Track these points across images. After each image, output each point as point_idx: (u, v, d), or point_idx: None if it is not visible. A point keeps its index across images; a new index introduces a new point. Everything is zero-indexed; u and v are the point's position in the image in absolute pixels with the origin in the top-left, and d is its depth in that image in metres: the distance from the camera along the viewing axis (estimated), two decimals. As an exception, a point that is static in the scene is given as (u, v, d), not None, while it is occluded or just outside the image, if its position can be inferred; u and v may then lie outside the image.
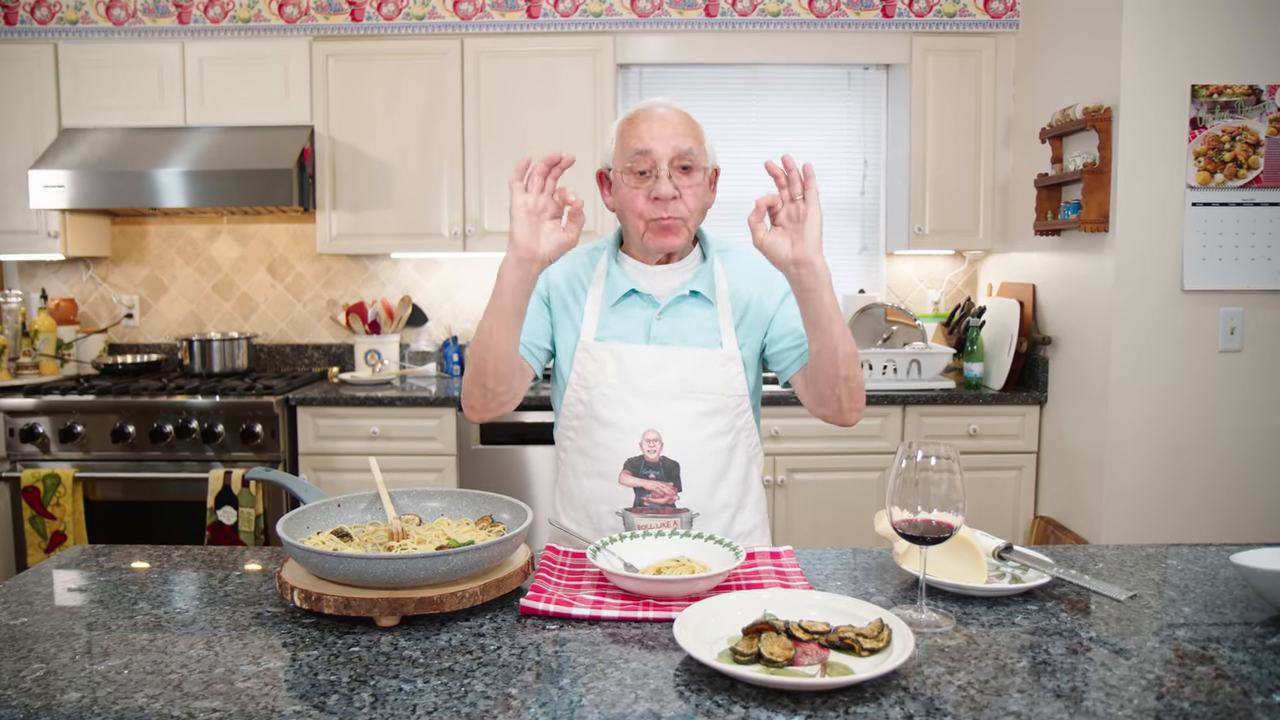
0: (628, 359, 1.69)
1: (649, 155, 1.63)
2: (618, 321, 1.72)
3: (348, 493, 3.38)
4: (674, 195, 1.63)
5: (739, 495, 1.75)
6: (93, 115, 3.65)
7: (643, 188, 1.64)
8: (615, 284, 1.74)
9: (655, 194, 1.63)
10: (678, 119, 1.66)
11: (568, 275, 1.78)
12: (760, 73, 4.01)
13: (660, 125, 1.64)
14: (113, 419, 3.34)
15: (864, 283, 4.08)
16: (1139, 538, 3.03)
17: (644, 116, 1.66)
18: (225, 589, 1.41)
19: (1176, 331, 2.97)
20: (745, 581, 1.43)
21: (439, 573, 1.25)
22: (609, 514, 1.71)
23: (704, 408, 1.69)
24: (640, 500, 1.69)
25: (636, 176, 1.64)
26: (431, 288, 4.08)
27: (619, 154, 1.68)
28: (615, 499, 1.70)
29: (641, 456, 1.68)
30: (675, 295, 1.71)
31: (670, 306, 1.72)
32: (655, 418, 1.68)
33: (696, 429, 1.69)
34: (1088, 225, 3.01)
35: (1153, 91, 2.92)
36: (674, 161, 1.62)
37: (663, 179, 1.62)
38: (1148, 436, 3.01)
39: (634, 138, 1.64)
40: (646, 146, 1.62)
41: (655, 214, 1.64)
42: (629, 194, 1.66)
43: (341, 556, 1.24)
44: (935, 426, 3.45)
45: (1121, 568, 1.50)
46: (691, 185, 1.65)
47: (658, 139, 1.63)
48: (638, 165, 1.63)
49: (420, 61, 3.65)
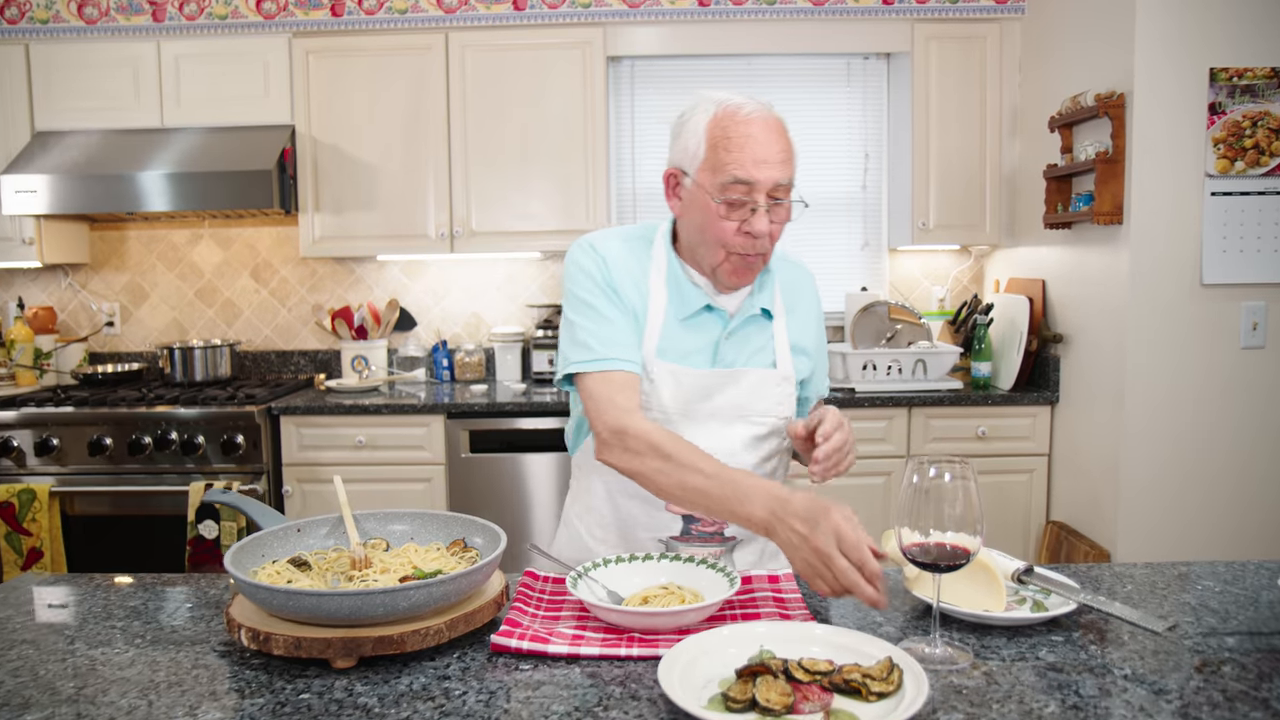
0: (687, 382, 1.54)
1: (750, 186, 1.43)
2: (684, 337, 1.55)
3: (334, 505, 3.27)
4: (769, 233, 1.47)
5: None
6: (67, 117, 3.53)
7: (734, 218, 1.45)
8: (686, 297, 1.55)
9: (749, 229, 1.45)
10: (781, 140, 1.46)
11: (634, 281, 1.56)
12: (756, 64, 3.88)
13: (764, 148, 1.43)
14: (90, 431, 3.22)
15: (866, 280, 3.95)
16: (1158, 544, 2.90)
17: (745, 130, 1.44)
18: (173, 624, 1.29)
19: (1195, 328, 2.84)
20: (741, 610, 1.30)
21: (399, 609, 1.13)
22: (650, 540, 1.58)
23: (757, 432, 1.58)
24: (688, 529, 1.57)
25: (728, 204, 1.44)
26: (419, 290, 3.95)
27: (708, 169, 1.45)
28: (660, 526, 1.57)
29: None
30: (746, 314, 1.58)
31: (739, 327, 1.58)
32: (710, 443, 1.53)
33: (749, 454, 1.58)
34: (1101, 217, 2.88)
35: (1169, 75, 2.78)
36: (771, 193, 1.45)
37: (760, 215, 1.44)
38: (1166, 438, 2.88)
39: (734, 161, 1.42)
40: (751, 177, 1.42)
41: (744, 248, 1.47)
42: (717, 223, 1.46)
43: (290, 592, 1.11)
44: (942, 429, 3.32)
45: (1153, 590, 1.37)
46: (782, 221, 1.49)
47: (761, 167, 1.42)
48: (734, 193, 1.44)
49: (404, 57, 3.52)
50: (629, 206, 3.94)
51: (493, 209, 3.57)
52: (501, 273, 3.94)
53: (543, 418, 3.29)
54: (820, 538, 1.17)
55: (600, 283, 1.53)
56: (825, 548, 1.16)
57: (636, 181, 3.91)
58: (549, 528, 3.30)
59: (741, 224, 1.45)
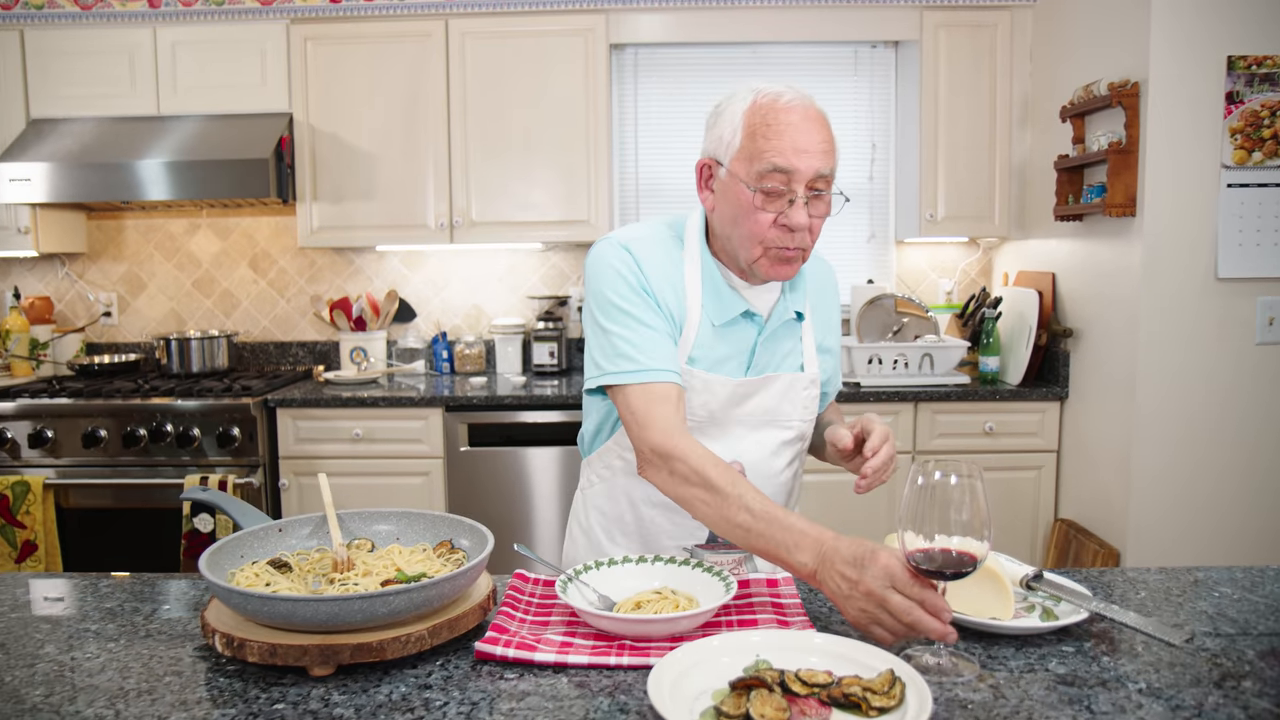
0: (720, 390, 1.49)
1: (788, 175, 1.35)
2: (719, 343, 1.49)
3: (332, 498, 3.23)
4: (808, 226, 1.38)
5: None
6: (62, 105, 3.49)
7: (771, 209, 1.37)
8: (725, 301, 1.48)
9: (786, 221, 1.37)
10: (822, 129, 1.38)
11: (665, 280, 1.48)
12: (762, 52, 3.81)
13: (804, 136, 1.36)
14: (85, 423, 3.18)
15: (872, 273, 3.89)
16: (1169, 543, 2.84)
17: (786, 118, 1.37)
18: (149, 627, 1.24)
19: (1210, 323, 2.78)
20: (737, 616, 1.25)
21: (379, 615, 1.08)
22: (674, 548, 1.54)
23: (784, 436, 1.54)
24: (714, 536, 1.53)
25: (765, 194, 1.37)
26: (419, 281, 3.90)
27: (745, 158, 1.38)
28: (684, 534, 1.53)
29: None
30: (783, 318, 1.52)
31: (774, 331, 1.53)
32: (738, 450, 1.49)
33: (775, 460, 1.54)
34: (1113, 209, 2.81)
35: (1185, 64, 2.71)
36: (810, 184, 1.37)
37: (798, 207, 1.36)
38: (1178, 435, 2.81)
39: (772, 147, 1.35)
40: (790, 165, 1.35)
41: (781, 243, 1.39)
42: (752, 215, 1.38)
43: (265, 597, 1.07)
44: (949, 424, 3.26)
45: (1167, 597, 1.32)
46: (822, 215, 1.41)
47: (802, 155, 1.35)
48: (772, 182, 1.36)
49: (403, 44, 3.47)
50: (631, 196, 3.88)
51: (493, 199, 3.51)
52: (502, 264, 3.89)
53: (543, 411, 3.24)
54: (870, 580, 1.09)
55: (636, 287, 1.44)
56: (878, 590, 1.08)
57: (640, 171, 3.85)
58: (549, 523, 3.25)
59: (778, 216, 1.37)
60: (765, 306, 1.52)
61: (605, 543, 1.60)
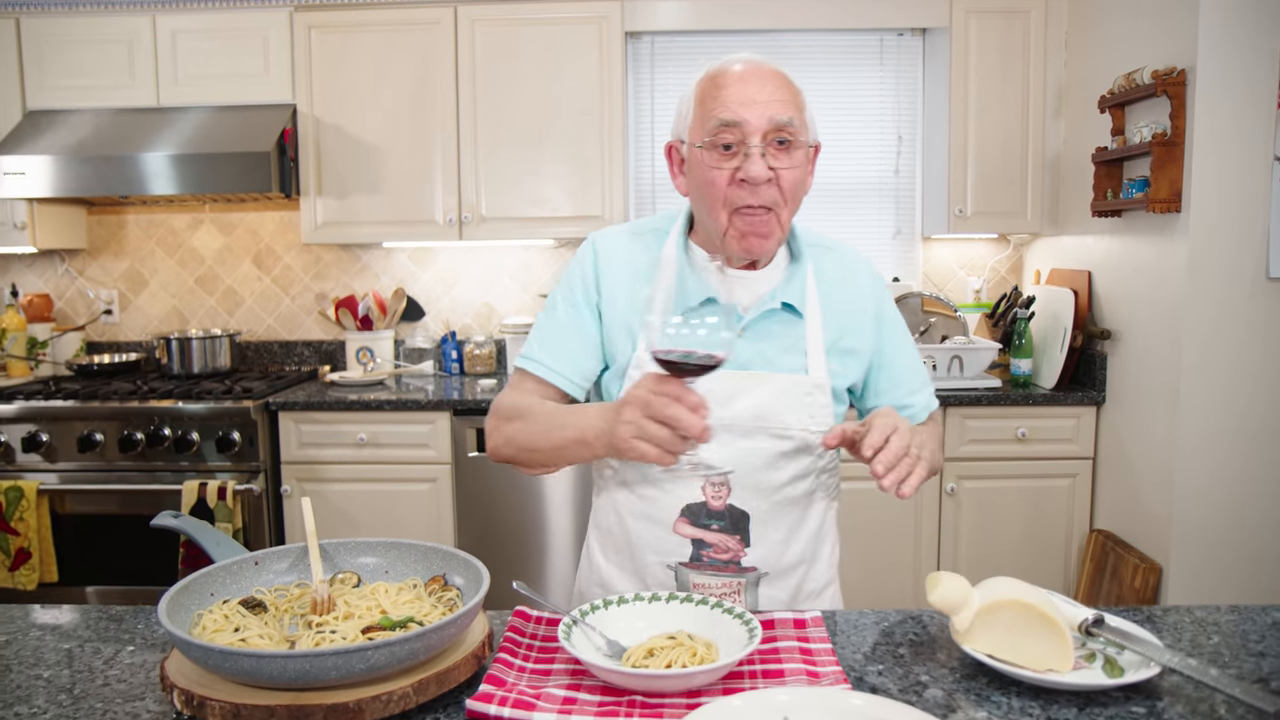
0: (696, 386, 1.37)
1: (738, 127, 1.28)
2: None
3: (336, 507, 3.12)
4: (768, 177, 1.29)
5: (814, 549, 1.44)
6: (60, 96, 3.38)
7: (727, 166, 1.30)
8: (687, 289, 1.35)
9: (744, 175, 1.28)
10: (775, 79, 1.32)
11: (627, 274, 1.42)
12: (783, 40, 3.66)
13: (755, 87, 1.30)
14: (81, 426, 3.08)
15: (898, 270, 3.73)
16: (1216, 558, 2.68)
17: (733, 76, 1.32)
18: (108, 674, 1.12)
19: (1260, 324, 2.62)
20: (761, 665, 1.12)
21: (355, 671, 0.95)
22: (658, 566, 1.41)
23: (782, 447, 1.38)
24: (699, 555, 1.38)
25: (720, 152, 1.30)
26: (428, 279, 3.78)
27: (697, 122, 1.33)
28: (668, 550, 1.39)
29: (704, 503, 1.37)
30: (762, 307, 1.38)
31: (755, 323, 1.39)
32: (723, 457, 1.36)
33: (771, 472, 1.38)
34: (1157, 205, 2.65)
35: (1235, 51, 2.55)
36: (768, 135, 1.29)
37: (754, 157, 1.28)
38: (1225, 443, 2.66)
39: (718, 104, 1.30)
40: (736, 116, 1.28)
41: (743, 200, 1.30)
42: (709, 174, 1.31)
43: (227, 653, 0.94)
44: (979, 430, 3.11)
45: (1244, 644, 1.17)
46: (790, 166, 1.31)
47: (750, 105, 1.28)
48: (722, 138, 1.29)
49: (410, 32, 3.34)
50: (648, 191, 3.74)
51: (504, 194, 3.38)
52: (514, 260, 3.76)
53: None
54: (631, 392, 1.14)
55: (579, 284, 1.44)
56: (638, 395, 1.12)
57: (655, 164, 3.71)
58: (562, 534, 3.12)
59: (735, 172, 1.29)
60: (746, 298, 1.39)
61: (600, 561, 1.48)
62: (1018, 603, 1.11)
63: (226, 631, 1.06)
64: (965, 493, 3.13)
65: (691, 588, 1.39)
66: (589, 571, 1.52)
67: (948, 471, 3.12)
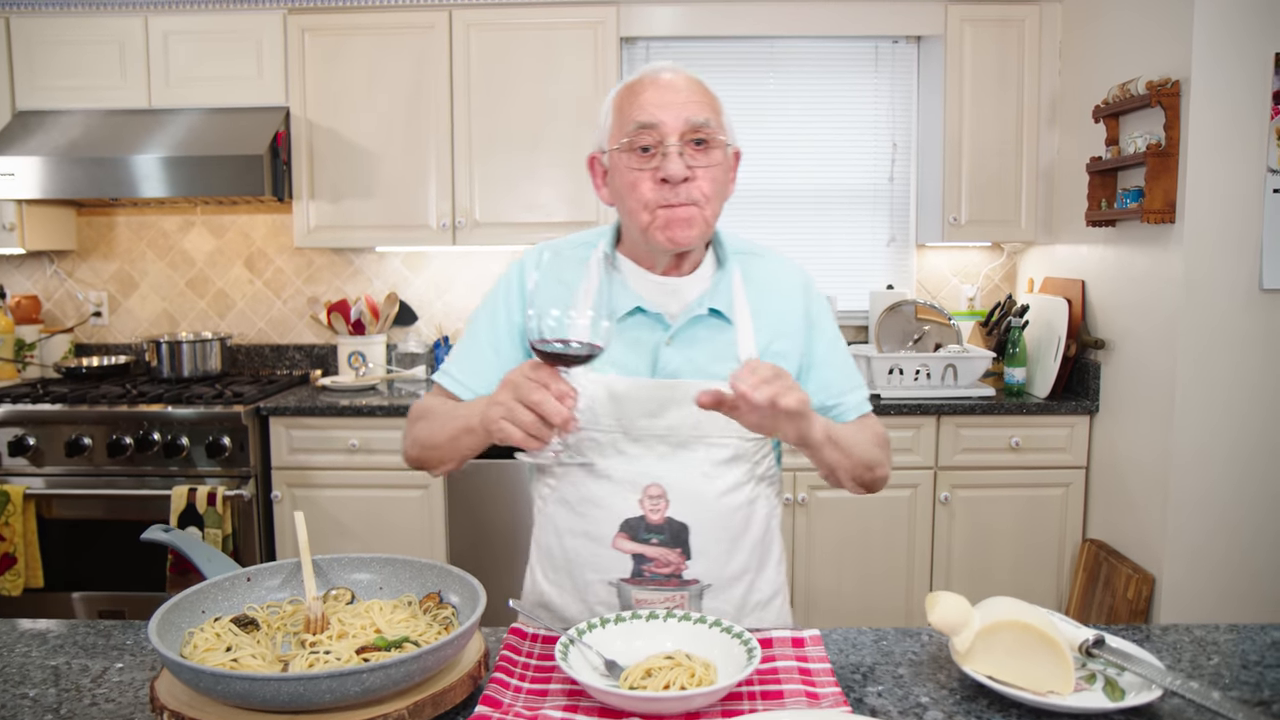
0: (626, 396, 1.35)
1: (655, 128, 1.30)
2: (616, 347, 1.37)
3: (327, 514, 3.09)
4: (686, 176, 1.29)
5: (758, 558, 1.42)
6: (50, 97, 3.34)
7: (647, 167, 1.31)
8: (613, 298, 1.37)
9: (663, 174, 1.30)
10: (690, 83, 1.35)
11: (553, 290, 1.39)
12: (778, 47, 3.65)
13: (669, 92, 1.32)
14: (68, 430, 3.05)
15: (892, 278, 3.73)
16: (1209, 568, 2.69)
17: (648, 82, 1.34)
18: (96, 693, 1.10)
19: (1253, 335, 2.62)
20: (760, 686, 1.11)
21: (350, 694, 0.94)
22: (600, 583, 1.38)
23: (719, 455, 1.36)
24: (639, 570, 1.36)
25: (639, 155, 1.31)
26: (421, 284, 3.76)
27: (616, 129, 1.35)
28: (608, 567, 1.37)
29: (642, 517, 1.35)
30: (689, 314, 1.37)
31: (683, 330, 1.38)
32: (659, 469, 1.34)
33: (710, 482, 1.36)
34: (1151, 215, 2.65)
35: (1229, 62, 2.55)
36: (685, 135, 1.31)
37: (672, 156, 1.29)
38: (1218, 453, 2.66)
39: (635, 107, 1.32)
40: (652, 118, 1.30)
41: (664, 200, 1.30)
42: (630, 177, 1.32)
43: (219, 675, 0.92)
44: (973, 439, 3.11)
45: (1245, 665, 1.17)
46: (708, 165, 1.32)
47: (666, 107, 1.31)
48: (640, 140, 1.31)
49: (405, 36, 3.32)
50: (642, 197, 3.72)
51: (498, 199, 3.36)
52: (507, 265, 3.73)
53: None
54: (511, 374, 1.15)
55: (500, 303, 1.46)
56: (511, 378, 1.14)
57: (650, 170, 3.69)
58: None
59: (655, 172, 1.31)
60: (674, 306, 1.39)
61: (540, 580, 1.46)
62: (1018, 624, 1.10)
63: (218, 651, 1.05)
64: (958, 501, 3.13)
65: (634, 604, 1.36)
66: (531, 591, 1.49)
67: (941, 480, 3.11)
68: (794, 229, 3.69)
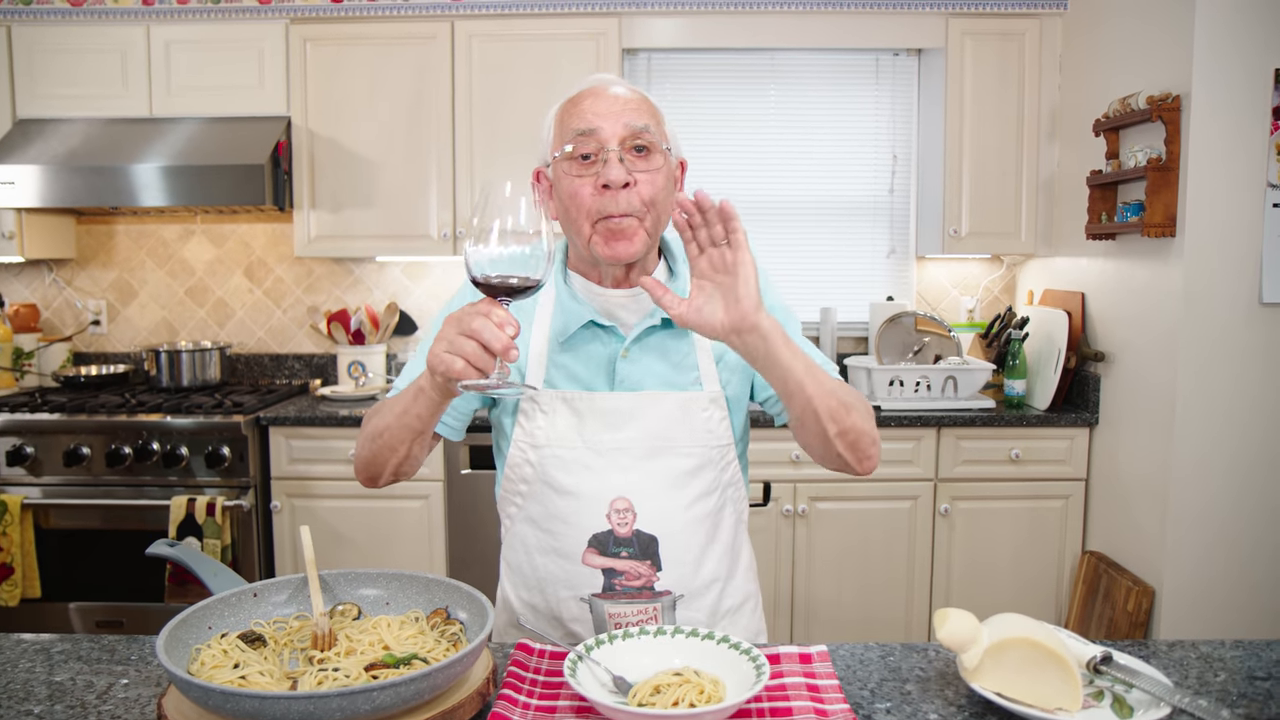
0: (586, 410, 1.36)
1: (594, 135, 1.30)
2: (572, 362, 1.38)
3: (325, 525, 3.09)
4: (625, 181, 1.29)
5: (728, 566, 1.43)
6: (51, 105, 3.35)
7: (588, 175, 1.31)
8: (567, 313, 1.39)
9: (604, 180, 1.29)
10: (630, 94, 1.36)
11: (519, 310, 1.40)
12: (780, 59, 3.67)
13: (604, 102, 1.32)
14: (67, 440, 3.04)
15: (892, 289, 3.74)
16: (1209, 581, 2.69)
17: (589, 93, 1.35)
18: (101, 709, 1.09)
19: (1253, 348, 2.63)
20: (769, 703, 1.10)
21: (360, 712, 0.93)
22: (571, 600, 1.38)
23: (685, 465, 1.37)
24: (610, 584, 1.36)
25: (579, 162, 1.31)
26: (421, 294, 3.76)
27: (557, 139, 1.35)
28: (579, 583, 1.37)
29: (610, 531, 1.35)
30: (642, 325, 1.37)
31: (638, 340, 1.38)
32: (625, 482, 1.34)
33: (676, 493, 1.36)
34: (1151, 229, 2.66)
35: (1230, 77, 2.57)
36: (625, 142, 1.31)
37: (612, 161, 1.29)
38: (1219, 466, 2.66)
39: (574, 116, 1.33)
40: (590, 125, 1.30)
41: (604, 210, 1.30)
42: (571, 185, 1.32)
43: (228, 693, 0.92)
44: (973, 451, 3.11)
45: (1252, 681, 1.17)
46: (649, 170, 1.32)
47: (604, 115, 1.31)
48: (581, 148, 1.31)
49: (406, 46, 3.32)
50: (642, 207, 3.73)
51: (498, 209, 3.36)
52: (507, 275, 3.73)
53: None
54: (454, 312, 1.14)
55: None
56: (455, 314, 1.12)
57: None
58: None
59: (595, 179, 1.30)
60: (633, 318, 1.39)
61: (513, 599, 1.45)
62: (1027, 640, 1.10)
63: (226, 668, 1.04)
64: (958, 513, 3.13)
65: (607, 618, 1.36)
66: (502, 610, 1.48)
67: (941, 492, 3.12)
68: (794, 240, 3.70)
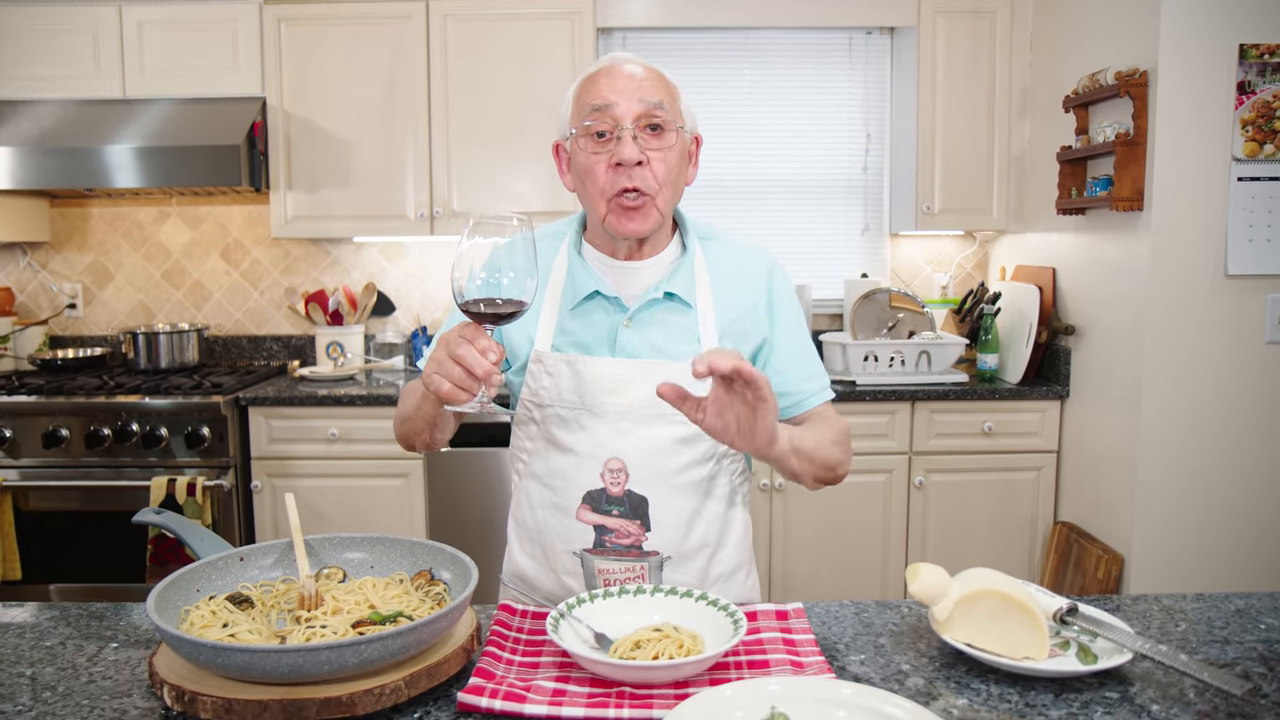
0: (587, 373, 1.40)
1: (609, 112, 1.35)
2: (578, 327, 1.44)
3: (307, 503, 3.10)
4: (638, 159, 1.34)
5: (718, 533, 1.46)
6: (22, 86, 3.31)
7: (603, 153, 1.36)
8: (576, 282, 1.45)
9: (617, 159, 1.34)
10: (646, 70, 1.40)
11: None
12: (754, 38, 3.69)
13: (621, 79, 1.37)
14: (45, 421, 3.03)
15: (866, 266, 3.78)
16: (1175, 547, 2.75)
17: (605, 70, 1.39)
18: (92, 671, 1.11)
19: (1218, 320, 2.69)
20: (746, 656, 1.14)
21: (349, 665, 0.96)
22: (566, 553, 1.43)
23: (678, 433, 1.40)
24: (601, 540, 1.41)
25: (595, 139, 1.36)
26: (399, 274, 3.76)
27: (575, 115, 1.40)
28: (573, 537, 1.42)
29: (603, 489, 1.40)
30: (646, 298, 1.42)
31: (640, 312, 1.42)
32: (620, 444, 1.39)
33: (668, 458, 1.40)
34: (1120, 204, 2.71)
35: (1195, 52, 2.61)
36: (640, 120, 1.35)
37: (625, 140, 1.34)
38: (1185, 436, 2.73)
39: (591, 94, 1.37)
40: (606, 101, 1.35)
41: (618, 185, 1.35)
42: (587, 161, 1.37)
43: (219, 648, 0.94)
44: (946, 424, 3.16)
45: (1210, 631, 1.21)
46: (662, 149, 1.36)
47: (620, 92, 1.35)
48: (597, 125, 1.36)
49: (381, 26, 3.32)
50: (619, 187, 3.75)
51: (476, 189, 3.37)
52: (485, 256, 3.74)
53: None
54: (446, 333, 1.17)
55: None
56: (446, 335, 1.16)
57: (627, 160, 3.72)
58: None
59: (610, 157, 1.35)
60: (639, 289, 1.44)
61: (517, 553, 1.52)
62: (995, 593, 1.14)
63: (215, 627, 1.07)
64: (933, 486, 3.18)
65: (597, 573, 1.41)
66: (509, 565, 1.55)
67: (915, 465, 3.17)
68: (769, 218, 3.73)
